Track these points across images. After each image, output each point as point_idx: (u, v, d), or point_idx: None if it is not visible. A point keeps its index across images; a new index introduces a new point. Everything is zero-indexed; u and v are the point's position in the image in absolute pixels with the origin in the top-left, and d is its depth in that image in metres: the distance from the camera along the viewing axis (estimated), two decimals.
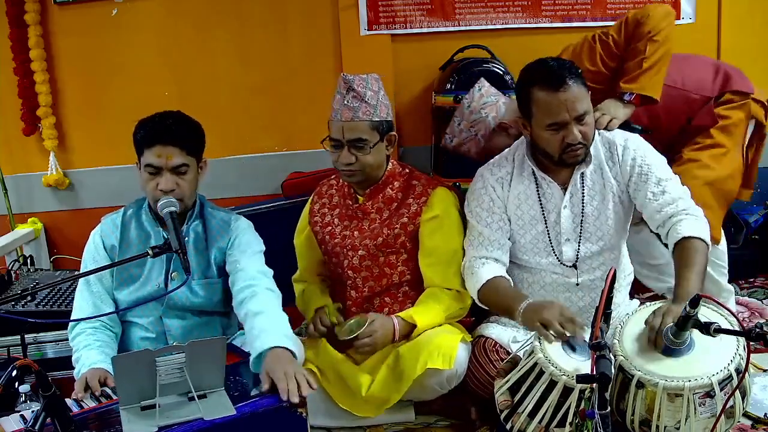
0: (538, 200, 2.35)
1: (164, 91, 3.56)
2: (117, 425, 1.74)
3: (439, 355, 2.23)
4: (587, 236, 2.33)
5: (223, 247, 2.31)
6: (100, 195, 3.60)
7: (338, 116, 2.37)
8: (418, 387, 2.28)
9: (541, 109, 2.20)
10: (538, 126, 2.23)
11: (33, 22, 3.43)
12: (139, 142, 2.21)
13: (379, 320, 2.35)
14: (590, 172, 2.32)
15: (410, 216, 2.45)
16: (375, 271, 2.48)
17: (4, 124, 3.60)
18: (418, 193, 2.47)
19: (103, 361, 2.12)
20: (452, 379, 2.29)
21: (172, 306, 2.29)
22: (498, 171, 2.42)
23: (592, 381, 1.54)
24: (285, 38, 3.57)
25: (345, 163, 2.38)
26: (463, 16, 3.54)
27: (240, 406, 1.80)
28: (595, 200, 2.32)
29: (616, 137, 2.35)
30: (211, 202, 2.41)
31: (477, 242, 2.39)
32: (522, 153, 2.39)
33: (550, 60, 2.26)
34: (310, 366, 2.36)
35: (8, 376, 1.58)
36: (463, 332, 2.40)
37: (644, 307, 2.07)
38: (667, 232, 2.21)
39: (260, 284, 2.19)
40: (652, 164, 2.28)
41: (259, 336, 2.00)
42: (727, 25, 3.62)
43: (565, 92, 2.16)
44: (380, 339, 2.32)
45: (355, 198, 2.53)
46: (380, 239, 2.45)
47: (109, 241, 2.30)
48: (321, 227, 2.57)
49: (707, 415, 1.80)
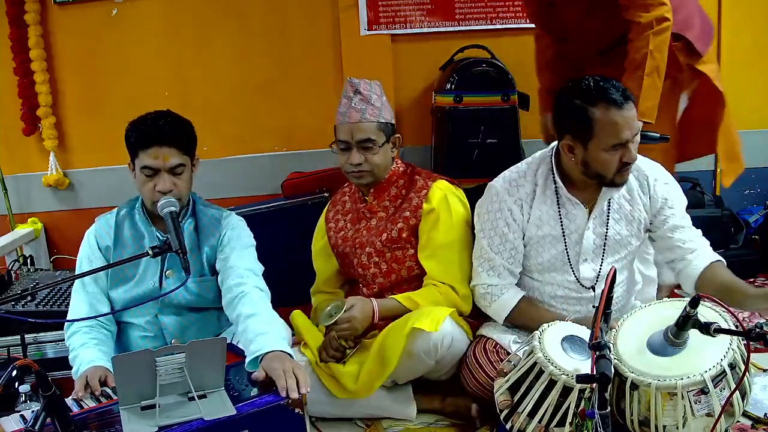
0: (560, 221, 2.30)
1: (164, 91, 3.56)
2: (117, 425, 1.75)
3: (426, 318, 2.23)
4: (607, 258, 2.31)
5: (214, 245, 2.31)
6: (100, 195, 3.60)
7: (346, 119, 2.43)
8: (405, 354, 2.24)
9: (605, 130, 2.08)
10: (597, 147, 2.11)
11: (33, 22, 3.43)
12: (133, 144, 2.19)
13: (358, 304, 2.37)
14: (617, 196, 2.29)
15: (412, 210, 2.48)
16: (383, 267, 2.51)
17: (4, 124, 3.60)
18: (419, 186, 2.51)
19: (102, 359, 2.12)
20: (438, 346, 2.25)
21: (167, 304, 2.29)
22: (516, 191, 2.32)
23: (592, 381, 1.54)
24: (285, 38, 3.57)
25: (355, 163, 2.43)
26: (463, 16, 3.54)
27: (240, 406, 1.80)
28: (619, 224, 2.30)
29: (647, 168, 2.30)
30: (203, 199, 2.41)
31: (488, 267, 2.37)
32: (545, 171, 2.31)
33: (591, 78, 2.13)
34: (306, 351, 2.37)
35: (8, 376, 1.58)
36: (453, 311, 2.37)
37: (639, 309, 2.07)
38: (684, 267, 2.26)
39: (249, 283, 2.19)
40: (676, 205, 2.30)
41: (255, 339, 2.00)
42: (727, 25, 3.63)
43: (629, 110, 2.09)
44: (359, 322, 2.34)
45: (363, 199, 2.58)
46: (385, 235, 2.49)
47: (103, 241, 2.30)
48: (335, 232, 2.62)
49: (704, 412, 1.80)
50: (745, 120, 3.77)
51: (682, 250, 2.28)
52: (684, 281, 2.29)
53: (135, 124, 2.22)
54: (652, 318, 1.99)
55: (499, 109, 3.25)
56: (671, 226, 2.29)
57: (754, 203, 3.84)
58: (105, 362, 2.10)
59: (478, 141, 3.25)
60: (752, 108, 3.77)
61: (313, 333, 2.46)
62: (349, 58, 3.53)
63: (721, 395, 1.80)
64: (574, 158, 2.19)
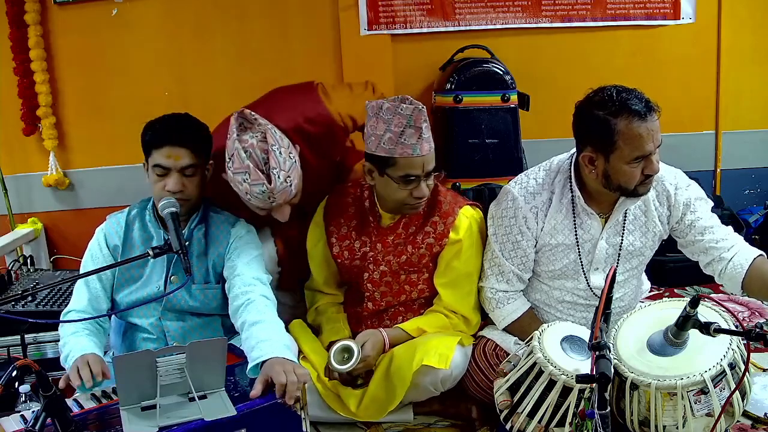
0: (574, 230, 2.27)
1: (164, 91, 3.56)
2: (117, 425, 1.75)
3: (435, 353, 2.22)
4: (619, 267, 2.29)
5: (222, 252, 2.30)
6: (100, 195, 3.60)
7: (417, 151, 2.21)
8: (412, 387, 2.25)
9: (629, 142, 2.03)
10: (619, 160, 2.06)
11: (33, 22, 3.43)
12: (147, 143, 2.21)
13: (370, 340, 2.31)
14: (633, 207, 2.25)
15: (436, 236, 2.39)
16: (395, 288, 2.45)
17: (4, 124, 3.59)
18: (445, 211, 2.40)
19: (93, 348, 2.09)
20: (447, 381, 2.28)
21: (170, 308, 2.29)
22: (533, 199, 2.28)
23: (591, 381, 1.54)
24: (285, 38, 3.56)
25: (423, 195, 2.28)
26: (463, 16, 3.54)
27: (240, 407, 1.80)
28: (633, 235, 2.27)
29: (665, 177, 2.25)
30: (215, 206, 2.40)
31: (498, 272, 2.36)
32: (562, 180, 2.27)
33: (613, 88, 2.08)
34: (305, 364, 2.33)
35: (8, 376, 1.58)
36: (462, 335, 2.38)
37: (639, 309, 2.07)
38: (724, 267, 2.19)
39: (256, 291, 2.18)
40: (699, 207, 2.25)
41: (258, 346, 1.99)
42: (727, 25, 3.63)
43: (652, 121, 2.04)
44: (374, 359, 2.31)
45: (378, 217, 2.44)
46: (404, 257, 2.41)
47: (112, 240, 2.31)
48: (338, 239, 2.49)
49: (704, 412, 1.80)
50: (745, 120, 3.78)
51: (716, 250, 2.21)
52: (728, 283, 2.21)
53: (151, 123, 2.23)
54: (652, 318, 2.00)
55: (499, 109, 3.25)
56: (699, 229, 2.24)
57: (754, 203, 3.85)
58: (97, 351, 2.09)
59: (478, 141, 3.24)
60: (752, 108, 3.78)
61: (312, 344, 2.42)
62: (349, 58, 3.53)
63: (721, 395, 1.80)
64: (595, 170, 2.14)
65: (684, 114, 3.69)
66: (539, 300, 2.41)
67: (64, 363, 2.09)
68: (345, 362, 2.25)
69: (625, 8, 3.56)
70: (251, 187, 2.18)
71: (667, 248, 2.55)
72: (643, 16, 3.59)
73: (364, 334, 2.35)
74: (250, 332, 2.07)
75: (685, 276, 3.34)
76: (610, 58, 3.63)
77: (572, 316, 2.35)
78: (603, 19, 3.57)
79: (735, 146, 3.79)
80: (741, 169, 3.85)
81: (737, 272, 2.16)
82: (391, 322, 2.46)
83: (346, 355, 2.27)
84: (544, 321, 2.31)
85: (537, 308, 2.42)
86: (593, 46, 3.63)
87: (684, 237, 2.28)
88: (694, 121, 3.76)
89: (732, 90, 3.73)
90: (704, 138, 3.80)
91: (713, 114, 3.78)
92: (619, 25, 3.60)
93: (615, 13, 3.56)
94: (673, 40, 3.64)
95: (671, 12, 3.59)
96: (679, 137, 3.59)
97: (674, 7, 3.58)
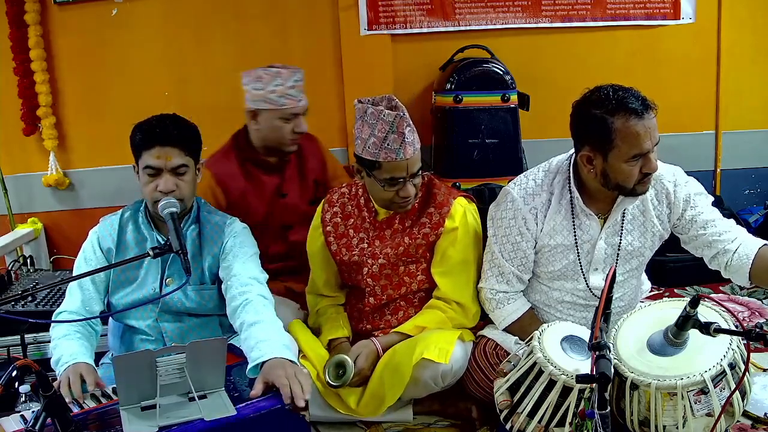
0: (573, 231, 2.27)
1: (164, 91, 3.56)
2: (117, 425, 1.75)
3: (435, 347, 2.23)
4: (619, 267, 2.28)
5: (216, 253, 2.30)
6: (100, 195, 3.60)
7: (400, 155, 2.25)
8: (412, 382, 2.26)
9: (626, 140, 2.03)
10: (618, 158, 2.06)
11: (33, 22, 3.43)
12: (137, 144, 2.20)
13: (363, 352, 2.33)
14: (631, 207, 2.25)
15: (432, 226, 2.41)
16: (394, 280, 2.46)
17: (4, 124, 3.59)
18: (440, 202, 2.43)
19: (84, 354, 2.08)
20: (447, 376, 2.28)
21: (166, 310, 2.29)
22: (532, 200, 2.28)
23: (591, 381, 1.54)
24: (285, 38, 3.57)
25: (410, 195, 2.33)
26: (463, 16, 3.54)
27: (240, 407, 1.80)
28: (631, 234, 2.27)
29: (663, 176, 2.24)
30: (207, 205, 2.41)
31: (497, 273, 2.36)
32: (561, 181, 2.27)
33: (610, 87, 2.08)
34: (305, 363, 2.34)
35: (8, 376, 1.58)
36: (462, 331, 2.39)
37: (639, 309, 2.07)
38: (730, 258, 2.17)
39: (253, 291, 2.18)
40: (699, 202, 2.24)
41: (257, 346, 1.99)
42: (727, 25, 3.63)
43: (650, 119, 2.03)
44: (368, 369, 2.33)
45: (374, 212, 2.48)
46: (401, 248, 2.43)
47: (105, 243, 2.30)
48: (335, 238, 2.51)
49: (704, 412, 1.80)
50: (745, 120, 3.79)
51: (720, 242, 2.20)
52: (734, 274, 2.19)
53: (140, 124, 2.22)
54: (652, 318, 2.00)
55: (499, 109, 3.26)
56: (701, 223, 2.23)
57: (754, 203, 3.85)
58: (87, 358, 2.08)
59: (478, 141, 3.25)
60: (752, 108, 3.78)
61: (312, 343, 2.43)
62: (349, 58, 3.53)
63: (721, 395, 1.80)
64: (594, 169, 2.14)
65: (684, 114, 3.69)
66: (539, 300, 2.41)
67: (55, 367, 2.07)
68: (340, 377, 2.28)
69: (625, 8, 3.57)
70: (285, 81, 2.78)
71: (667, 248, 2.55)
72: (643, 16, 3.59)
73: (357, 346, 2.37)
74: (249, 332, 2.06)
75: (685, 276, 3.35)
76: (610, 58, 3.63)
77: (572, 317, 2.35)
78: (603, 19, 3.57)
79: (735, 146, 3.79)
80: (741, 169, 3.85)
81: (743, 262, 2.15)
82: (392, 316, 2.47)
83: (341, 371, 2.29)
84: (544, 321, 2.30)
85: (537, 309, 2.42)
86: (593, 46, 3.63)
87: (686, 233, 2.28)
88: (694, 121, 3.76)
89: (732, 90, 3.73)
90: (704, 138, 3.80)
91: (713, 114, 3.78)
92: (619, 25, 3.61)
93: (615, 13, 3.56)
94: (673, 40, 3.65)
95: (671, 12, 3.59)
96: (679, 137, 3.59)
97: (674, 7, 3.58)
